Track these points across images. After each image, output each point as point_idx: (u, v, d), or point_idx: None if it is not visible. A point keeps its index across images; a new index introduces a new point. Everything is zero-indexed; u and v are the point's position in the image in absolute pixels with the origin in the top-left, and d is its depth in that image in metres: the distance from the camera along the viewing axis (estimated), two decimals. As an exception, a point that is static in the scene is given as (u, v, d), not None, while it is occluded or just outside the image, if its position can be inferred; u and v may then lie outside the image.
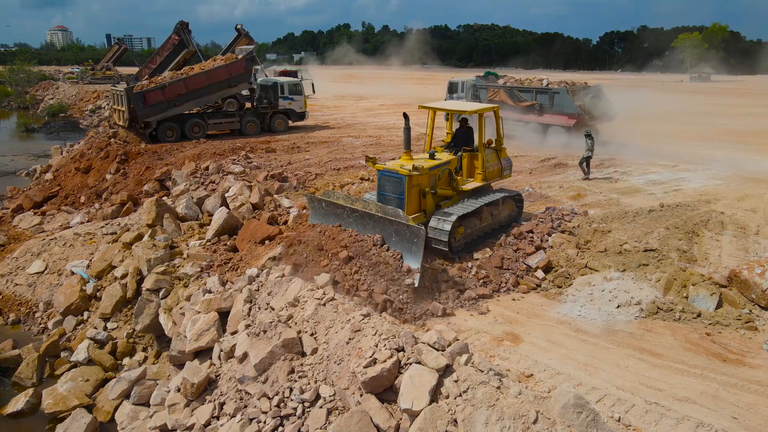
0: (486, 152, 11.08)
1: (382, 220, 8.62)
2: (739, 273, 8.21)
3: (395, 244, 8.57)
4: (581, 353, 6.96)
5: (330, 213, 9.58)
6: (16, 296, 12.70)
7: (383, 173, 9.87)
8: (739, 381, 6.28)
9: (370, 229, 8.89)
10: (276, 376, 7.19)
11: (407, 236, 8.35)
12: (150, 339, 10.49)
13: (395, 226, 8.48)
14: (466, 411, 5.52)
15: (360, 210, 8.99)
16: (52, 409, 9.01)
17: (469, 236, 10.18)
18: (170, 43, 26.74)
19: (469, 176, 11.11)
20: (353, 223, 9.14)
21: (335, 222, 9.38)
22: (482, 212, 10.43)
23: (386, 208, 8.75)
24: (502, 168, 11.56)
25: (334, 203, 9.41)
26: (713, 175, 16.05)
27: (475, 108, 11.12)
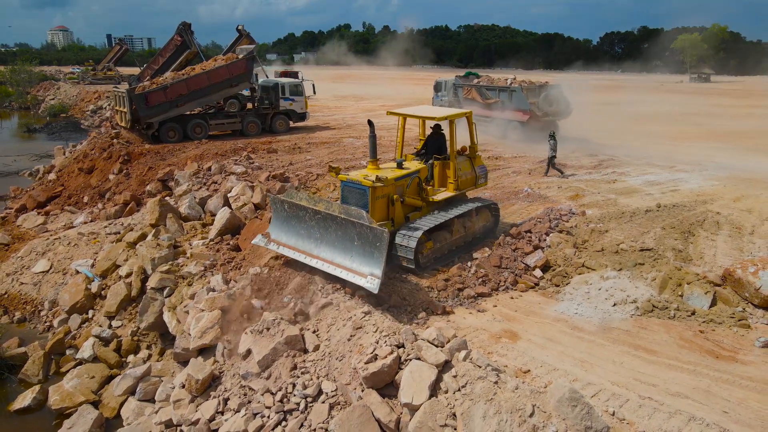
0: (459, 160, 10.60)
1: (345, 222, 8.10)
2: (733, 272, 8.37)
3: (357, 248, 8.04)
4: (577, 350, 7.12)
5: (292, 215, 9.07)
6: (22, 295, 12.87)
7: (346, 184, 9.42)
8: (731, 377, 6.44)
9: (331, 233, 8.42)
10: (279, 372, 7.35)
11: (369, 239, 7.79)
12: (154, 337, 10.66)
13: (358, 228, 7.92)
14: (464, 405, 5.68)
15: (323, 212, 8.46)
16: (59, 405, 9.19)
17: (439, 250, 9.73)
18: (173, 43, 26.88)
19: (441, 185, 10.63)
20: (315, 225, 8.67)
21: (298, 228, 8.93)
22: (453, 224, 9.95)
23: (349, 209, 8.23)
24: (477, 176, 11.04)
25: (297, 204, 8.89)
26: (710, 176, 16.21)
27: (445, 114, 10.49)
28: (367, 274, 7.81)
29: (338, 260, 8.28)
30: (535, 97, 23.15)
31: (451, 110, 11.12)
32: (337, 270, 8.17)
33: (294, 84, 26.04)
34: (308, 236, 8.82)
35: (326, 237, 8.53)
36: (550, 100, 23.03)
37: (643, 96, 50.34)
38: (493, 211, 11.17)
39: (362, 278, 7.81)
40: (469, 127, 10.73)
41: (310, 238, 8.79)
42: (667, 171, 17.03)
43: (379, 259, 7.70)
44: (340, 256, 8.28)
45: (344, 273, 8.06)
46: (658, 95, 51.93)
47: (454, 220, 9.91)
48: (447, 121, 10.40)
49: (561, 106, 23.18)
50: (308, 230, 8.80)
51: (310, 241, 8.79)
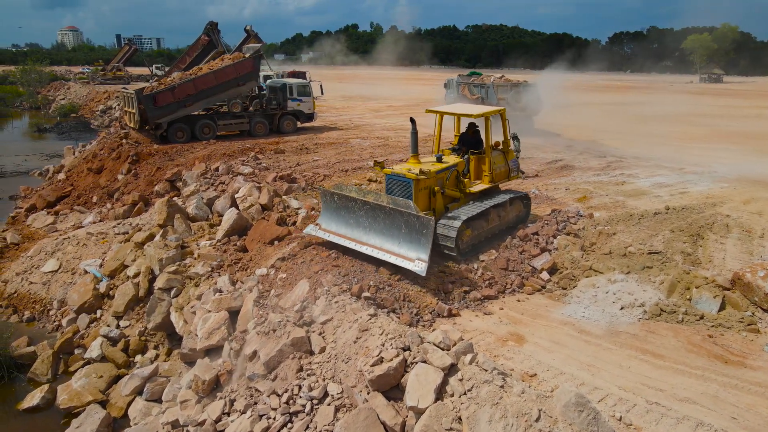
0: (493, 154, 11.21)
1: (393, 211, 8.79)
2: (742, 276, 8.30)
3: (404, 235, 8.74)
4: (584, 354, 7.09)
5: (342, 206, 9.73)
6: (31, 294, 12.98)
7: (391, 177, 10.02)
8: (739, 382, 6.39)
9: (379, 222, 9.08)
10: (285, 374, 7.36)
11: (417, 227, 8.53)
12: (161, 337, 10.71)
13: (405, 217, 8.64)
14: (470, 409, 5.67)
15: (371, 202, 9.13)
16: (67, 404, 9.25)
17: (477, 238, 10.27)
18: (200, 43, 27.09)
19: (476, 178, 11.28)
20: (364, 215, 9.31)
21: (347, 218, 9.58)
22: (489, 214, 10.51)
23: (397, 200, 8.98)
24: (510, 169, 11.68)
25: (346, 196, 9.56)
26: (720, 178, 16.08)
27: (481, 111, 11.20)
28: (414, 259, 8.53)
29: (386, 246, 8.95)
30: (506, 94, 25.37)
31: (486, 108, 11.83)
32: (386, 255, 8.83)
33: (302, 84, 26.09)
34: (357, 225, 9.47)
35: (374, 226, 9.20)
36: (520, 97, 25.09)
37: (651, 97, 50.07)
38: (524, 201, 11.79)
39: (410, 262, 8.52)
40: (503, 123, 11.47)
41: (359, 227, 9.44)
42: (675, 173, 16.92)
43: (426, 244, 8.44)
44: (388, 243, 8.96)
45: (393, 258, 8.74)
46: (667, 96, 51.60)
47: (490, 210, 10.49)
48: (482, 119, 10.99)
49: (531, 104, 25.04)
50: (357, 219, 9.46)
51: (359, 230, 9.43)
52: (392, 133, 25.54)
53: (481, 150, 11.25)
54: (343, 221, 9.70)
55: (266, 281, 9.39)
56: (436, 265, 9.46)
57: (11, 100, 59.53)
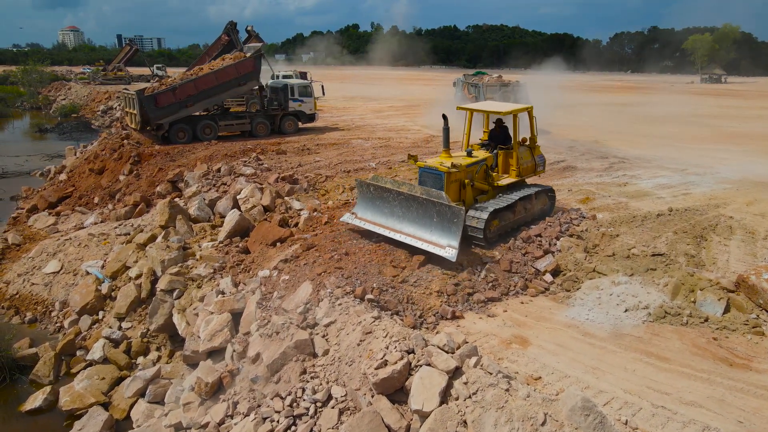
0: (520, 150, 11.71)
1: (426, 201, 9.33)
2: (746, 278, 8.27)
3: (436, 224, 9.30)
4: (589, 356, 7.06)
5: (377, 197, 10.28)
6: (33, 295, 12.97)
7: (424, 170, 10.52)
8: (745, 385, 6.36)
9: (412, 211, 9.65)
10: (288, 377, 7.34)
11: (448, 216, 9.07)
12: (164, 339, 10.70)
13: (437, 207, 9.19)
14: (475, 412, 5.64)
15: (405, 193, 9.69)
16: (69, 406, 9.24)
17: (503, 228, 10.78)
18: (220, 43, 27.03)
19: (504, 172, 11.81)
20: (398, 205, 9.89)
21: (382, 207, 10.18)
22: (516, 206, 10.99)
23: (430, 191, 9.51)
24: (536, 164, 12.18)
25: (382, 187, 10.13)
26: (722, 179, 16.04)
27: (509, 109, 11.64)
28: (445, 246, 9.09)
29: (419, 234, 9.52)
30: (494, 93, 26.52)
31: (514, 105, 12.21)
32: (418, 242, 9.40)
33: (303, 85, 26.09)
34: (391, 214, 10.06)
35: (408, 215, 9.78)
36: (507, 97, 26.00)
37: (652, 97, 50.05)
38: (549, 195, 12.28)
39: (441, 249, 9.08)
40: (530, 120, 11.86)
41: (393, 216, 10.04)
42: (678, 174, 16.88)
43: (457, 232, 9.01)
44: (420, 231, 9.52)
45: (425, 245, 9.30)
46: (668, 96, 51.57)
47: (517, 203, 10.99)
48: (510, 115, 11.45)
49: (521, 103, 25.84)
50: (391, 209, 10.05)
51: (393, 219, 10.03)
52: (394, 134, 25.52)
53: (509, 145, 11.72)
54: (378, 210, 10.30)
55: (269, 283, 9.36)
56: (439, 268, 9.44)
57: (12, 100, 59.53)
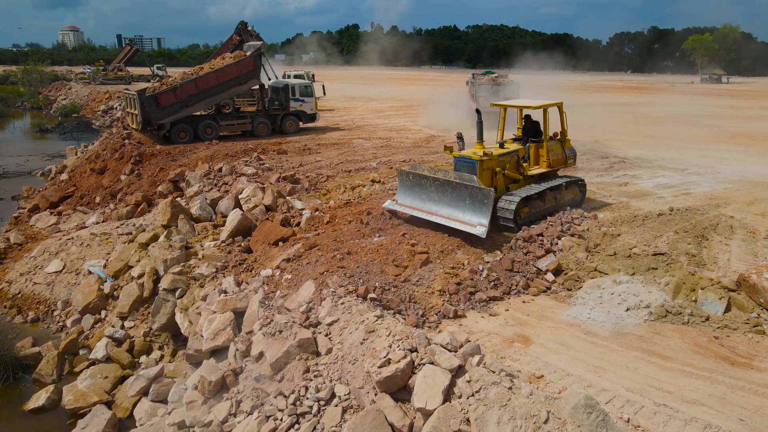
0: (551, 143, 12.39)
1: (459, 185, 10.39)
2: (747, 277, 8.29)
3: (468, 205, 10.30)
4: (591, 355, 7.09)
5: (416, 184, 11.29)
6: (35, 295, 13.00)
7: (459, 159, 11.38)
8: (746, 384, 6.39)
9: (447, 195, 10.69)
10: (292, 375, 7.37)
11: (479, 198, 10.08)
12: (166, 338, 10.74)
13: (469, 189, 10.23)
14: (478, 410, 5.67)
15: (441, 178, 10.72)
16: (73, 405, 9.28)
17: (533, 215, 11.48)
18: (231, 42, 27.10)
19: (535, 164, 12.47)
20: (434, 190, 10.92)
21: (420, 193, 11.20)
22: (546, 195, 11.79)
23: (462, 175, 10.53)
24: (566, 157, 12.83)
25: (420, 174, 11.18)
26: (723, 179, 16.07)
27: (539, 104, 12.21)
28: (476, 224, 10.05)
29: (453, 216, 10.49)
30: (484, 92, 27.70)
31: (545, 101, 12.62)
32: (452, 222, 10.36)
33: (304, 85, 26.12)
34: (428, 199, 11.07)
35: (443, 198, 10.79)
36: (498, 94, 26.96)
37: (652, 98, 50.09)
38: (580, 186, 12.90)
39: (473, 227, 10.02)
40: (560, 115, 12.62)
41: (430, 200, 11.04)
42: (678, 174, 16.91)
43: (486, 212, 10.02)
44: (454, 212, 10.52)
45: (458, 224, 10.26)
46: (668, 96, 51.61)
47: (547, 192, 11.80)
48: (541, 110, 12.10)
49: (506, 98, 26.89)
50: (428, 194, 11.06)
51: (430, 203, 11.02)
52: (395, 134, 25.56)
53: (540, 138, 12.35)
54: (417, 196, 11.29)
55: (271, 282, 9.40)
56: (441, 267, 9.48)
57: (12, 100, 59.60)
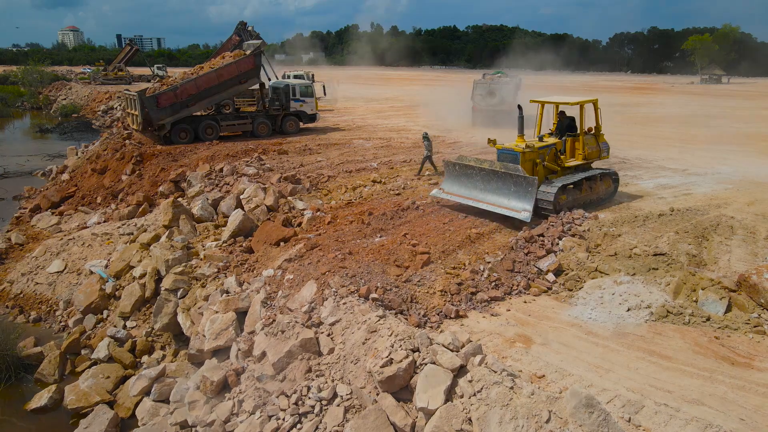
0: (586, 137, 13.25)
1: (504, 174, 11.42)
2: (748, 278, 8.32)
3: (513, 192, 11.34)
4: (592, 355, 7.12)
5: (462, 174, 12.38)
6: (37, 295, 13.04)
7: (502, 151, 12.30)
8: (747, 384, 6.41)
9: (492, 184, 11.75)
10: (294, 375, 7.41)
11: (523, 186, 11.16)
12: (168, 338, 10.77)
13: (514, 178, 11.26)
14: (480, 410, 5.70)
15: (487, 168, 11.75)
16: (75, 405, 9.31)
17: (571, 203, 12.31)
18: (231, 42, 27.09)
19: (571, 156, 13.28)
20: (480, 180, 11.98)
21: (466, 182, 12.28)
22: (582, 185, 12.64)
23: (507, 165, 11.53)
24: (600, 150, 13.72)
25: (466, 165, 12.25)
26: (723, 180, 16.09)
27: (576, 100, 13.14)
28: (521, 210, 11.11)
29: (499, 202, 11.54)
30: (482, 91, 28.13)
31: (582, 97, 13.43)
32: (498, 209, 11.46)
33: (304, 85, 26.14)
34: (474, 187, 12.17)
35: (488, 187, 11.85)
36: (492, 94, 27.67)
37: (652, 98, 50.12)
38: (613, 178, 13.70)
39: (518, 213, 11.10)
40: (595, 111, 13.43)
41: (476, 189, 12.14)
42: (679, 174, 16.93)
43: (531, 198, 11.13)
44: (500, 200, 11.55)
45: (504, 210, 11.36)
46: (668, 97, 51.65)
47: (583, 182, 12.68)
48: (578, 106, 13.05)
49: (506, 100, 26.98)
50: (474, 183, 12.15)
51: (476, 191, 12.12)
52: (395, 134, 25.58)
53: (576, 133, 13.18)
54: (463, 185, 12.35)
55: (273, 282, 9.43)
56: (442, 267, 9.51)
57: (12, 100, 59.60)
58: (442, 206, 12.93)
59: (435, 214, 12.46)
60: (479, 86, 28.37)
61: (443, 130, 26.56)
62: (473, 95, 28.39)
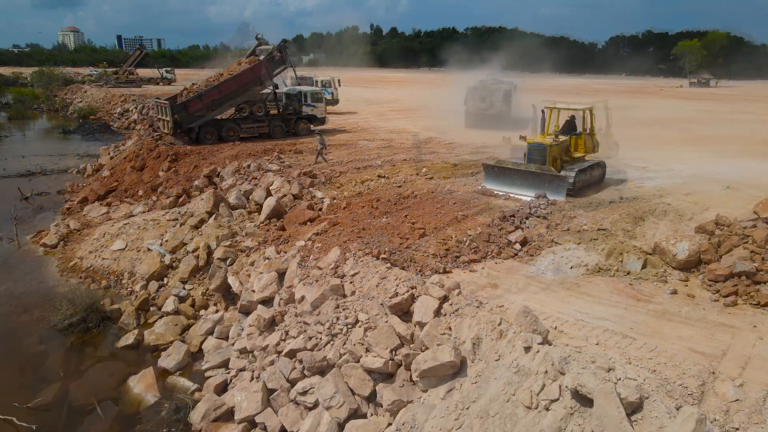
0: (586, 135, 17.19)
1: (539, 174, 15.13)
2: (659, 244, 11.23)
3: (547, 187, 14.95)
4: (539, 294, 10.00)
5: (500, 174, 15.90)
6: (105, 267, 15.91)
7: (532, 144, 16.02)
8: (641, 310, 9.28)
9: (528, 182, 15.29)
10: (326, 310, 10.31)
11: (556, 183, 14.94)
12: (219, 297, 13.65)
13: (548, 177, 15.00)
14: (456, 321, 8.62)
15: (523, 170, 15.41)
16: (155, 342, 12.22)
17: (583, 183, 15.83)
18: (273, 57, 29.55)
19: (575, 150, 17.06)
20: (517, 179, 15.51)
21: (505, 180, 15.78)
22: (587, 171, 16.16)
23: (542, 167, 15.30)
24: (594, 146, 17.78)
25: (503, 167, 15.86)
26: (675, 175, 19.01)
27: (582, 106, 17.21)
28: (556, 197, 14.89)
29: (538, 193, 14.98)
30: (475, 94, 30.63)
31: (587, 102, 17.63)
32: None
33: (315, 91, 29.09)
34: (513, 184, 15.64)
35: (525, 183, 15.37)
36: (484, 97, 30.23)
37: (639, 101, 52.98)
38: (603, 166, 17.70)
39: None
40: (590, 115, 17.33)
41: (513, 185, 15.61)
42: (638, 171, 19.84)
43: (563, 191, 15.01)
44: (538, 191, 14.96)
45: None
46: (654, 100, 54.54)
47: (587, 169, 16.33)
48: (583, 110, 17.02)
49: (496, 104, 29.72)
50: (513, 181, 15.63)
51: (514, 188, 15.59)
52: (396, 135, 28.50)
53: (579, 132, 17.16)
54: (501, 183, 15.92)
55: (305, 250, 12.33)
56: (434, 239, 12.39)
57: (30, 102, 62.49)
58: (435, 195, 15.84)
59: (430, 201, 15.36)
60: (472, 91, 30.95)
61: (440, 132, 29.50)
62: (466, 100, 31.01)
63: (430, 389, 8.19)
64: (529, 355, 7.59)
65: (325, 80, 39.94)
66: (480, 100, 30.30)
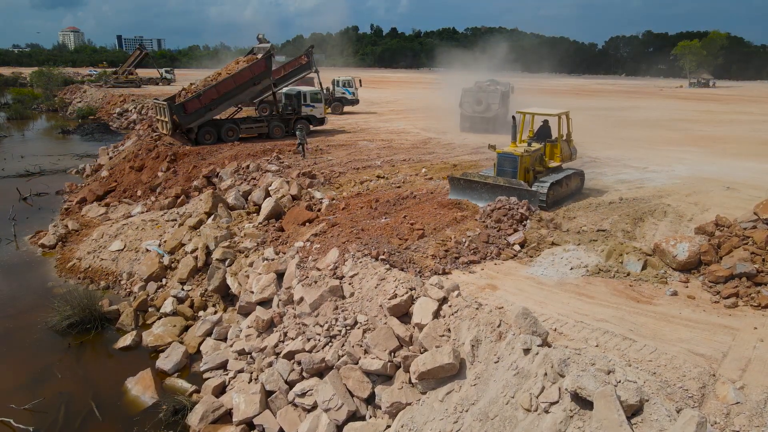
0: (561, 143, 15.95)
1: (509, 188, 13.84)
2: (659, 245, 11.19)
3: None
4: (538, 295, 9.96)
5: (466, 187, 14.57)
6: (103, 268, 15.87)
7: (502, 155, 14.68)
8: (641, 312, 9.24)
9: (496, 196, 13.79)
10: (325, 311, 10.27)
11: (526, 198, 13.62)
12: (217, 298, 13.60)
13: (518, 191, 13.73)
14: (455, 322, 8.57)
15: (490, 183, 14.11)
16: (153, 343, 12.16)
17: (556, 196, 14.63)
18: (298, 61, 29.61)
19: (550, 158, 15.87)
20: (485, 193, 14.16)
21: (472, 194, 14.40)
22: (562, 181, 15.03)
23: (511, 180, 14.03)
24: (571, 154, 16.60)
25: (469, 180, 14.56)
26: (675, 176, 18.98)
27: (555, 112, 15.94)
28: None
29: None
30: (469, 97, 30.32)
31: (558, 109, 16.22)
32: None
33: (314, 92, 29.05)
34: (480, 198, 14.34)
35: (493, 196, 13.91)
36: (479, 99, 29.95)
37: (639, 102, 53.01)
38: (581, 176, 16.54)
39: None
40: (567, 121, 16.07)
41: (481, 199, 14.26)
42: (639, 171, 19.83)
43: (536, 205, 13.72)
44: None
45: None
46: (654, 101, 54.54)
47: (563, 179, 15.08)
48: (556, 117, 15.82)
49: (492, 107, 29.51)
50: (480, 194, 14.35)
51: (482, 201, 14.15)
52: (395, 136, 28.48)
53: (552, 139, 16.03)
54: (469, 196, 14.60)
55: (304, 251, 12.28)
56: (433, 239, 12.36)
57: (29, 102, 62.45)
58: (435, 196, 15.80)
59: (429, 202, 15.30)
60: (467, 93, 30.72)
61: (439, 133, 29.49)
62: (461, 102, 30.78)
63: (429, 391, 8.15)
64: (528, 357, 7.54)
65: (345, 80, 40.29)
66: (476, 103, 29.89)
